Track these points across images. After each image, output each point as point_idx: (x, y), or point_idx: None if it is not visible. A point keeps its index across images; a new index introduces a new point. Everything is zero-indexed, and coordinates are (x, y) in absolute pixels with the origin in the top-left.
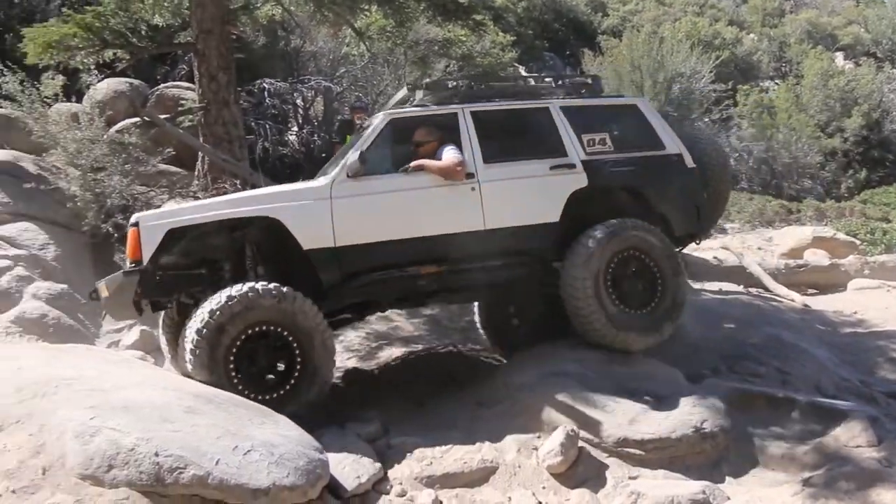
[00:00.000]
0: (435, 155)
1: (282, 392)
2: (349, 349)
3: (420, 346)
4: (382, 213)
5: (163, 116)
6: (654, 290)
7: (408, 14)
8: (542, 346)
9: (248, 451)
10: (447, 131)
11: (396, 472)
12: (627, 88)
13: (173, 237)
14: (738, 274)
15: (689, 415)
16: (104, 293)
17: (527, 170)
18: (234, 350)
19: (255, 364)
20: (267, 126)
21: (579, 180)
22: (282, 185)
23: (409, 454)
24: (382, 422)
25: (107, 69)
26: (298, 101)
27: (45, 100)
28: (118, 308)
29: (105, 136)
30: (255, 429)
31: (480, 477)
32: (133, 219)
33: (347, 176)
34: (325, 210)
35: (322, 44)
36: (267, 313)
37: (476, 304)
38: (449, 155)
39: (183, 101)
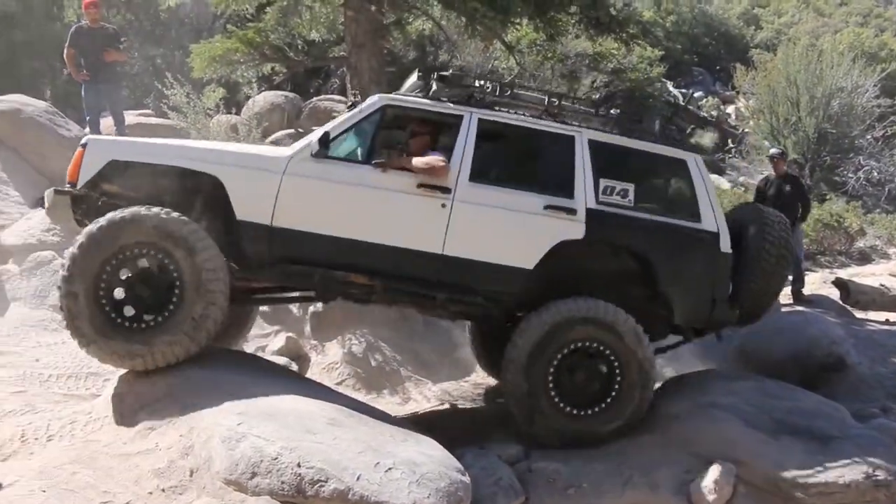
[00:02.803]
0: (422, 154)
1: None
2: None
3: None
4: (331, 205)
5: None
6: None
7: (559, 27)
8: (693, 373)
9: (390, 468)
10: (446, 134)
11: (537, 499)
12: (782, 104)
13: (117, 167)
14: None
15: (860, 458)
16: (47, 203)
17: (515, 201)
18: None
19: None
20: None
21: (574, 229)
22: (246, 145)
23: (551, 481)
24: (524, 444)
25: (264, 83)
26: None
27: (207, 111)
28: (60, 220)
29: None
30: (397, 445)
31: None
32: (84, 139)
33: (311, 155)
34: (273, 184)
35: (470, 58)
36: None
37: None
38: (434, 156)
39: (335, 114)
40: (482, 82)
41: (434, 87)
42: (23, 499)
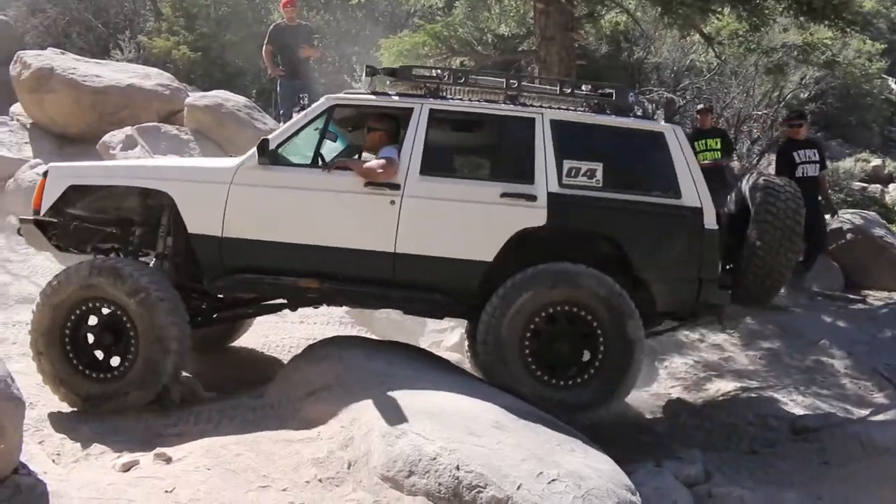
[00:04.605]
0: (378, 150)
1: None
2: (674, 377)
3: (755, 383)
4: (278, 211)
5: None
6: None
7: (765, 15)
8: None
9: (553, 479)
10: (403, 128)
11: None
12: None
13: (78, 192)
14: None
15: None
16: (22, 233)
17: (468, 192)
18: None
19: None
20: None
21: (535, 216)
22: (201, 159)
23: None
24: (705, 465)
25: None
26: (639, 113)
27: None
28: (37, 245)
29: None
30: (562, 455)
31: None
32: (45, 167)
33: (257, 162)
34: (221, 195)
35: (666, 54)
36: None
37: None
38: (383, 155)
39: None
40: (436, 72)
41: (387, 82)
42: (188, 474)
